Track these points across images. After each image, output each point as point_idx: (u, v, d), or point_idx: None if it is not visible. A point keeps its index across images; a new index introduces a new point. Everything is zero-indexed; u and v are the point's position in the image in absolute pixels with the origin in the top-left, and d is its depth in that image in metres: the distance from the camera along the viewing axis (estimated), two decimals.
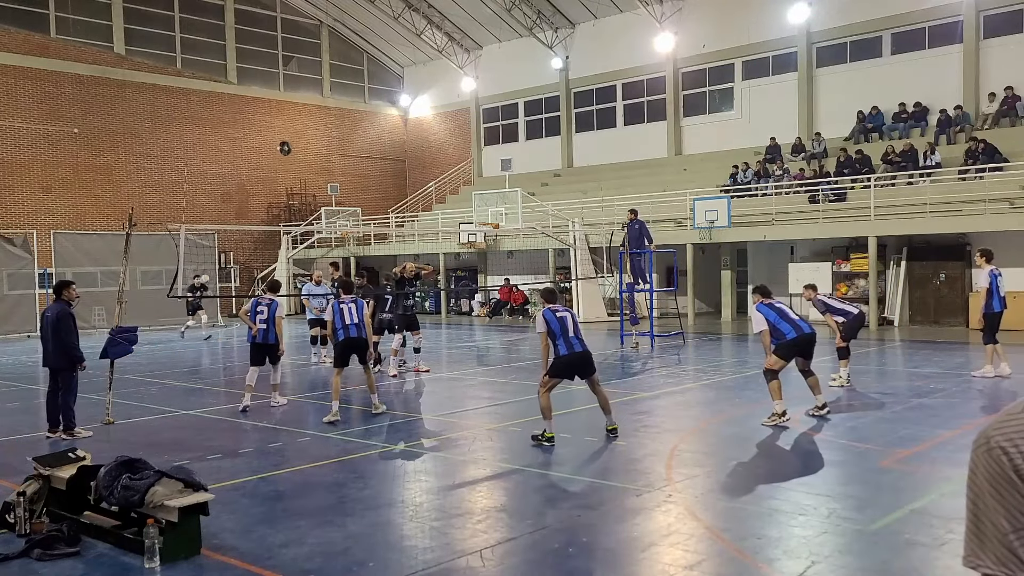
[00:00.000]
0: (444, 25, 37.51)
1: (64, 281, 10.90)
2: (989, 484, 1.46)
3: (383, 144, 41.87)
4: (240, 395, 12.36)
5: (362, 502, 7.33)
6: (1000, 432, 1.43)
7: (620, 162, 33.38)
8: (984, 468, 1.47)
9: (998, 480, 1.44)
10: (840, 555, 5.82)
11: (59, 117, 31.27)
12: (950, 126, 25.37)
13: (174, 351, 20.22)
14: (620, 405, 12.09)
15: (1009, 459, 1.42)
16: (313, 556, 5.94)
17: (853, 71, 28.23)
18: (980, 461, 1.47)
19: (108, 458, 6.67)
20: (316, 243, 35.20)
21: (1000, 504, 1.44)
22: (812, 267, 24.27)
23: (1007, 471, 1.42)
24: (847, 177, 24.77)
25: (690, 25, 31.39)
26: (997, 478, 1.44)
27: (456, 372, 14.99)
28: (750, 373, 14.78)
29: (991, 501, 1.45)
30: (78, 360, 10.32)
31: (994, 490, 1.44)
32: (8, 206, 30.12)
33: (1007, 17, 25.42)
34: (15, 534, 6.37)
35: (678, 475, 7.97)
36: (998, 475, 1.44)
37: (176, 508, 5.90)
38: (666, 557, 5.85)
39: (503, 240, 29.90)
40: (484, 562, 5.79)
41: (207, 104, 35.42)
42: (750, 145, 29.30)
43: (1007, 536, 1.44)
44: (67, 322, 10.39)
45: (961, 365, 15.45)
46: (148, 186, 33.23)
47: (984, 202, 21.20)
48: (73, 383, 10.40)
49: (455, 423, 11.00)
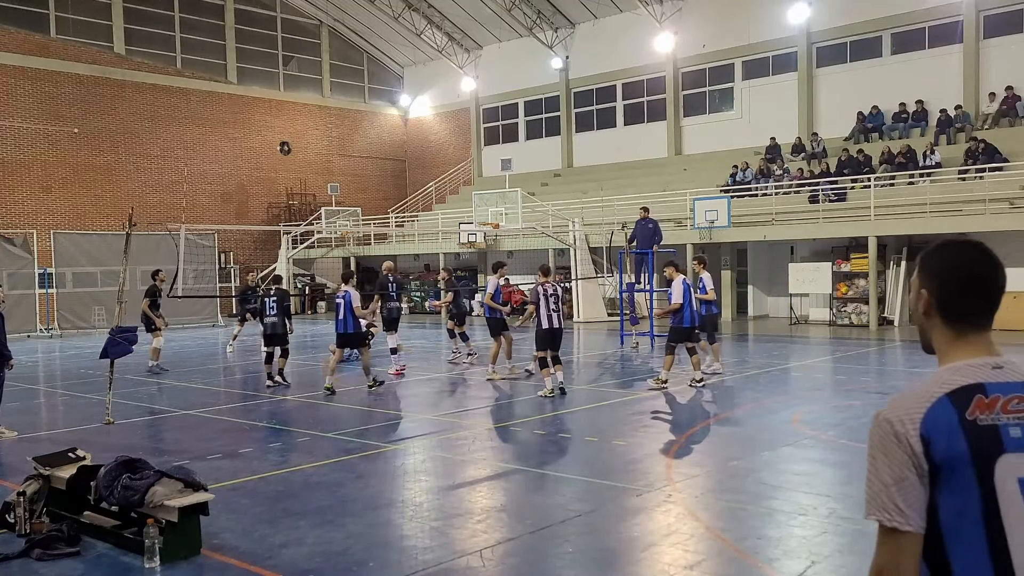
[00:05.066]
0: (444, 25, 37.51)
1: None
2: (877, 446, 1.89)
3: (383, 144, 41.88)
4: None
5: (362, 502, 7.33)
6: (888, 410, 1.91)
7: (620, 162, 33.38)
8: (876, 435, 1.90)
9: (884, 443, 1.88)
10: (840, 555, 5.82)
11: (59, 117, 31.27)
12: (950, 126, 25.38)
13: (174, 351, 20.22)
14: (620, 405, 12.11)
15: (891, 427, 1.87)
16: (313, 556, 5.94)
17: (853, 71, 28.23)
18: (874, 431, 1.92)
19: (108, 458, 6.67)
20: (316, 243, 35.20)
21: (885, 462, 1.87)
22: (812, 267, 24.28)
23: (889, 436, 1.87)
24: (847, 177, 24.77)
25: (690, 25, 31.39)
26: (883, 441, 1.88)
27: (456, 372, 14.99)
28: (750, 373, 14.78)
29: (880, 462, 1.88)
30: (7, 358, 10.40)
31: (882, 452, 1.88)
32: (8, 206, 30.12)
33: (1007, 17, 25.42)
34: (15, 534, 6.37)
35: (678, 475, 7.97)
36: (884, 439, 1.88)
37: (176, 508, 5.90)
38: (666, 557, 5.85)
39: (503, 240, 29.89)
40: (484, 562, 5.80)
41: (207, 104, 35.42)
42: (750, 145, 29.30)
43: (889, 488, 1.85)
44: None
45: None
46: (148, 186, 33.24)
47: (984, 202, 21.20)
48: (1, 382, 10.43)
49: (455, 423, 11.00)
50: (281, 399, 13.23)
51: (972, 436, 1.82)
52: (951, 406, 1.86)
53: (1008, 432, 1.84)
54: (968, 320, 2.01)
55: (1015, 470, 1.82)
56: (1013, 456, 1.82)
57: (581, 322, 26.12)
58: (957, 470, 1.82)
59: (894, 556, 1.85)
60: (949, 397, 1.87)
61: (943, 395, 1.87)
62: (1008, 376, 1.91)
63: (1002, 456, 1.82)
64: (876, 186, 23.49)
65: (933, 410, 1.85)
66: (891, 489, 1.84)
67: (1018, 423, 1.85)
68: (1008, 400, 1.87)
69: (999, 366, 1.93)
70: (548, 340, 12.61)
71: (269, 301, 14.64)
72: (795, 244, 25.47)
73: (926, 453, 1.83)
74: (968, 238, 2.09)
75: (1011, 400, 1.87)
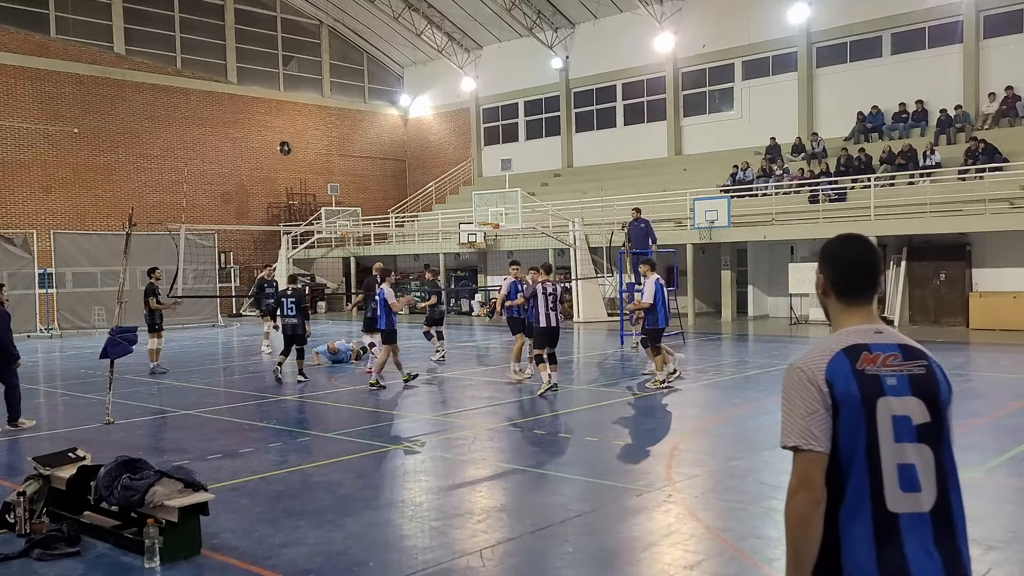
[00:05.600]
0: (444, 25, 37.51)
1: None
2: (793, 389, 2.45)
3: (383, 144, 41.88)
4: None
5: (362, 502, 7.33)
6: (799, 361, 2.49)
7: (620, 162, 33.38)
8: (790, 380, 2.47)
9: (797, 385, 2.45)
10: None
11: (59, 117, 31.27)
12: (950, 126, 25.37)
13: (174, 351, 20.22)
14: (620, 405, 12.11)
15: (803, 373, 2.45)
16: (313, 556, 5.94)
17: (853, 71, 28.23)
18: (788, 377, 2.49)
19: (108, 458, 6.67)
20: (316, 243, 35.21)
21: (800, 400, 2.43)
22: (812, 267, 24.15)
23: (803, 379, 2.44)
24: (847, 177, 24.77)
25: (690, 25, 31.39)
26: (796, 384, 2.45)
27: (456, 372, 14.99)
28: (750, 373, 14.78)
29: (795, 400, 2.44)
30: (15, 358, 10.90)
31: (795, 392, 2.44)
32: (8, 206, 30.12)
33: (1007, 17, 25.42)
34: (15, 534, 6.37)
35: (678, 475, 7.96)
36: (797, 382, 2.45)
37: (176, 508, 5.90)
38: (666, 557, 5.85)
39: (503, 240, 29.89)
40: (484, 562, 5.80)
41: (207, 104, 35.42)
42: (750, 145, 29.30)
43: (804, 419, 2.41)
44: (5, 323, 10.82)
45: (961, 365, 15.45)
46: (148, 186, 33.24)
47: (984, 202, 21.20)
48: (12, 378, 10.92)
49: (455, 423, 11.00)
50: (282, 399, 13.23)
51: (862, 382, 2.42)
52: (846, 359, 2.44)
53: (886, 381, 2.44)
54: (854, 296, 2.58)
55: (890, 409, 2.41)
56: (890, 399, 2.42)
57: (581, 322, 26.12)
58: (852, 407, 2.40)
59: (809, 471, 2.40)
60: (844, 352, 2.45)
61: (840, 350, 2.46)
62: (885, 340, 2.51)
63: (881, 398, 2.42)
64: (876, 186, 23.49)
65: (833, 361, 2.44)
66: (806, 420, 2.40)
67: (894, 374, 2.45)
68: (886, 357, 2.47)
69: (879, 331, 2.52)
70: (546, 338, 12.76)
71: (287, 301, 14.91)
72: (795, 244, 25.48)
73: (831, 393, 2.40)
74: (855, 233, 2.68)
75: (888, 357, 2.47)
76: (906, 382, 2.45)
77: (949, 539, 2.39)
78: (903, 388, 2.44)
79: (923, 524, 2.38)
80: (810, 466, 2.39)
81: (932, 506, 2.39)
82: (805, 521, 2.40)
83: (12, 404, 10.91)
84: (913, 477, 2.39)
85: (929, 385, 2.48)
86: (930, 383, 2.48)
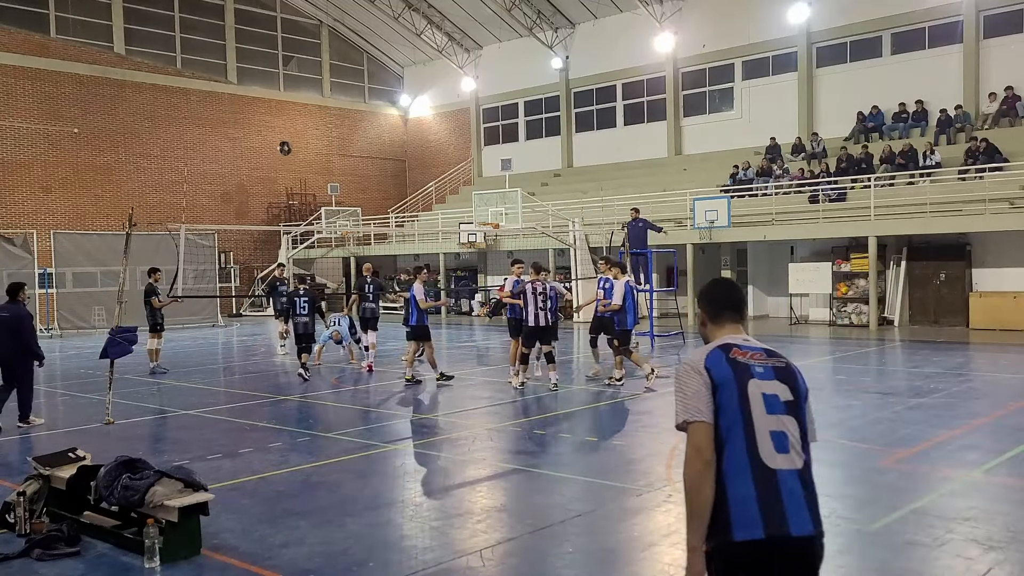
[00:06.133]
0: (444, 25, 37.51)
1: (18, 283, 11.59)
2: (681, 379, 3.12)
3: (383, 144, 41.88)
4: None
5: (362, 502, 7.33)
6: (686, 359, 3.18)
7: (620, 162, 33.38)
8: (679, 373, 3.15)
9: (684, 375, 3.12)
10: (840, 555, 5.82)
11: (59, 117, 31.27)
12: (950, 126, 25.37)
13: (174, 351, 20.23)
14: (620, 405, 12.11)
15: (691, 365, 3.12)
16: (313, 556, 5.94)
17: (853, 71, 28.23)
18: (677, 372, 3.17)
19: (108, 458, 6.67)
20: (316, 243, 35.21)
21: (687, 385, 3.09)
22: (812, 267, 24.28)
23: (689, 370, 3.12)
24: (847, 177, 24.77)
25: (690, 25, 31.38)
26: (684, 375, 3.12)
27: (456, 372, 14.99)
28: None
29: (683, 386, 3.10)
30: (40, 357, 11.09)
31: (684, 380, 3.11)
32: (8, 206, 30.12)
33: (1007, 17, 25.42)
34: (15, 534, 6.37)
35: (678, 475, 7.96)
36: (687, 373, 3.12)
37: (176, 508, 5.90)
38: (666, 557, 5.85)
39: (503, 240, 29.89)
40: (484, 562, 5.80)
41: (207, 104, 35.42)
42: (750, 145, 29.30)
43: (692, 398, 3.06)
44: (28, 322, 11.04)
45: (961, 365, 15.46)
46: (148, 186, 33.24)
47: (984, 202, 21.19)
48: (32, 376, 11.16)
49: (455, 423, 11.00)
50: (282, 399, 13.24)
51: (734, 367, 3.09)
52: (720, 352, 3.14)
53: (754, 368, 3.10)
54: (724, 319, 3.31)
55: (759, 388, 3.06)
56: (759, 381, 3.07)
57: (581, 322, 26.10)
58: (728, 385, 3.04)
59: (698, 439, 3.00)
60: (718, 347, 3.17)
61: (716, 347, 3.18)
62: (752, 344, 3.20)
63: (752, 380, 3.07)
64: (876, 186, 23.48)
65: (710, 354, 3.14)
66: (693, 399, 3.05)
67: (760, 365, 3.12)
68: (753, 353, 3.16)
69: (746, 339, 3.23)
70: (534, 337, 13.15)
71: (300, 301, 15.42)
72: (795, 244, 25.47)
73: (710, 376, 3.06)
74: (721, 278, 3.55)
75: (755, 354, 3.16)
76: (771, 371, 3.11)
77: (812, 488, 3.03)
78: (769, 375, 3.09)
79: (794, 477, 2.98)
80: (699, 435, 2.99)
81: (802, 465, 3.02)
82: (699, 480, 2.96)
83: (26, 400, 11.04)
84: (784, 441, 3.00)
85: (789, 376, 3.14)
86: (790, 375, 3.15)
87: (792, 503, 2.93)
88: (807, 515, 2.94)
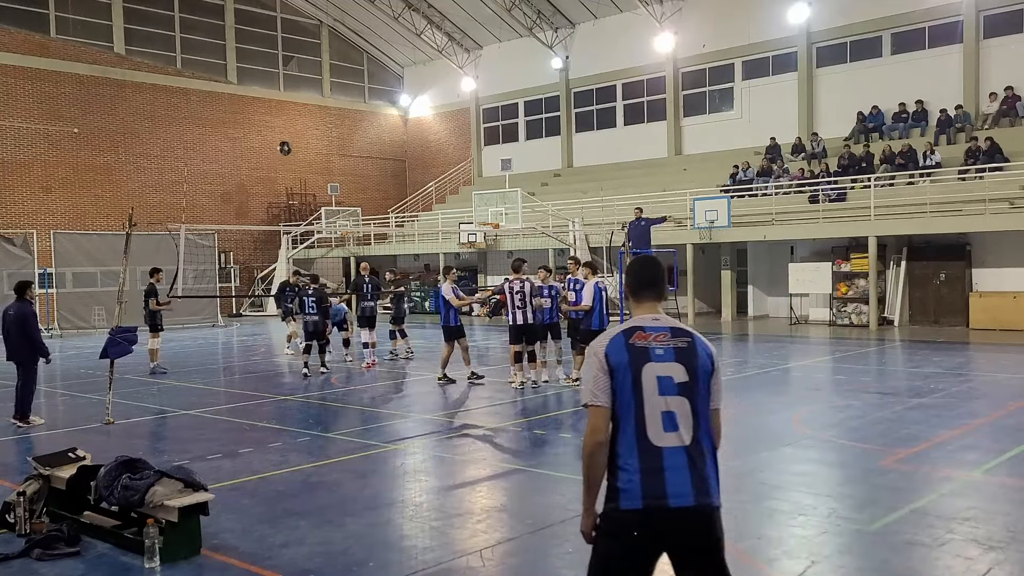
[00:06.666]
0: (444, 25, 37.51)
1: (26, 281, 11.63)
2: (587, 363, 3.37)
3: (383, 144, 41.88)
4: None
5: (362, 502, 7.33)
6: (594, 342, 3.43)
7: (620, 162, 33.38)
8: (586, 356, 3.43)
9: (589, 360, 3.36)
10: (840, 555, 5.82)
11: (59, 117, 31.27)
12: (950, 126, 25.37)
13: (173, 351, 20.23)
14: None
15: (593, 349, 3.37)
16: (313, 556, 5.94)
17: (853, 71, 28.24)
18: (587, 354, 3.41)
19: (108, 458, 6.67)
20: (316, 243, 35.21)
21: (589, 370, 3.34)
22: (812, 267, 24.28)
23: (591, 355, 3.37)
24: (847, 177, 24.77)
25: (690, 25, 31.39)
26: (588, 359, 3.37)
27: (456, 372, 14.97)
28: (749, 373, 14.78)
29: (587, 370, 3.35)
30: (46, 354, 11.12)
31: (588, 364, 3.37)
32: (8, 206, 30.13)
33: (1007, 17, 25.42)
34: (15, 534, 6.37)
35: None
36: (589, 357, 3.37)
37: (176, 508, 5.90)
38: (666, 556, 5.83)
39: (503, 240, 29.89)
40: (484, 562, 5.80)
41: (207, 104, 35.42)
42: (750, 145, 29.30)
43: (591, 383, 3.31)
44: (32, 321, 11.06)
45: (961, 365, 15.45)
46: (148, 186, 33.24)
47: (984, 202, 21.19)
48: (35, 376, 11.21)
49: (455, 423, 11.00)
50: (281, 399, 13.24)
51: (631, 352, 3.32)
52: (622, 336, 3.36)
53: (654, 351, 3.32)
54: (642, 296, 3.53)
55: (654, 371, 3.29)
56: (655, 364, 3.30)
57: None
58: (622, 371, 3.29)
59: (595, 420, 3.28)
60: (622, 332, 3.38)
61: (619, 332, 3.39)
62: (660, 324, 3.41)
63: (647, 363, 3.30)
64: (876, 186, 23.49)
65: (612, 340, 3.36)
66: (592, 383, 3.30)
67: (660, 347, 3.33)
68: (657, 335, 3.36)
69: (656, 319, 3.43)
70: (516, 335, 13.49)
71: (308, 300, 15.62)
72: (795, 244, 25.47)
73: (607, 362, 3.30)
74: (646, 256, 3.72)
75: (659, 336, 3.36)
76: (671, 352, 3.33)
77: (700, 463, 3.27)
78: (668, 357, 3.32)
79: (680, 453, 3.24)
80: (596, 416, 3.27)
81: (690, 441, 3.27)
82: (593, 455, 3.28)
83: (25, 400, 11.05)
84: (673, 420, 3.26)
85: (691, 356, 3.34)
86: (691, 354, 3.35)
87: (673, 478, 3.21)
88: (689, 488, 3.21)
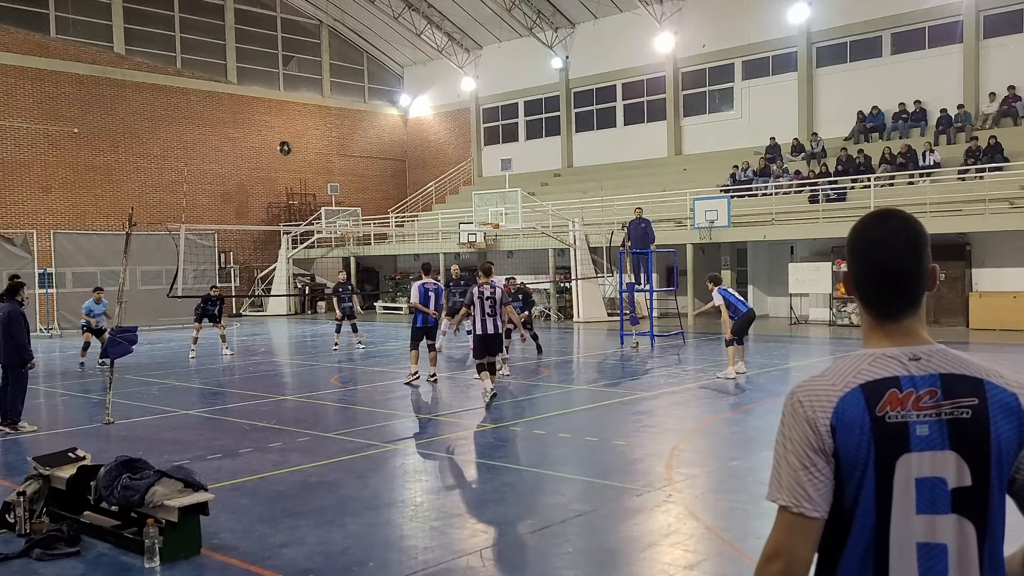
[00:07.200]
0: (444, 25, 37.50)
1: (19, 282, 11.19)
2: (789, 427, 1.85)
3: (383, 144, 41.88)
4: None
5: (362, 502, 7.33)
6: (803, 390, 1.86)
7: (620, 162, 33.38)
8: (789, 415, 1.86)
9: (793, 424, 1.84)
10: None
11: (59, 117, 31.26)
12: (950, 126, 25.38)
13: (174, 351, 20.23)
14: (620, 405, 12.10)
15: (803, 410, 1.83)
16: (313, 556, 5.94)
17: (853, 71, 28.23)
18: (786, 407, 1.87)
19: (108, 458, 6.67)
20: (316, 243, 35.21)
21: (794, 444, 1.82)
22: (812, 267, 24.28)
23: (801, 419, 1.83)
24: (847, 177, 24.77)
25: (690, 25, 31.39)
26: (793, 423, 1.84)
27: (455, 372, 14.98)
28: (750, 373, 14.78)
29: (791, 443, 1.83)
30: (28, 359, 10.74)
31: (790, 433, 1.84)
32: (8, 206, 30.11)
33: (1007, 17, 25.42)
34: (15, 534, 6.37)
35: (678, 475, 7.96)
36: (794, 420, 1.84)
37: (176, 508, 5.90)
38: (666, 557, 5.85)
39: (503, 240, 29.89)
40: (484, 562, 5.80)
41: (207, 104, 35.42)
42: (750, 145, 29.31)
43: (797, 472, 1.81)
44: (19, 322, 10.74)
45: None
46: (148, 186, 33.23)
47: (984, 202, 21.19)
48: (22, 380, 10.80)
49: (455, 423, 11.00)
50: (282, 399, 13.24)
51: (878, 433, 1.79)
52: (862, 397, 1.81)
53: (915, 430, 1.80)
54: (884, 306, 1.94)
55: (915, 470, 1.79)
56: (916, 456, 1.79)
57: (581, 322, 26.12)
58: (858, 464, 1.80)
59: (791, 539, 1.81)
60: (861, 388, 1.83)
61: (857, 386, 1.83)
62: (923, 369, 1.85)
63: (904, 455, 1.80)
64: (876, 186, 23.49)
65: (844, 400, 1.82)
66: (799, 474, 1.81)
67: (926, 420, 1.80)
68: (920, 396, 1.82)
69: (917, 357, 1.86)
70: (482, 347, 11.82)
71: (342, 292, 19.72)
72: (795, 244, 25.47)
73: (833, 443, 1.81)
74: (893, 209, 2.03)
75: (923, 396, 1.82)
76: (942, 430, 1.80)
77: None
78: (936, 440, 1.80)
79: None
80: (794, 533, 1.82)
81: None
82: None
83: (12, 404, 10.80)
84: (940, 562, 1.79)
85: (978, 432, 1.80)
86: (980, 429, 1.80)
87: None
88: None
